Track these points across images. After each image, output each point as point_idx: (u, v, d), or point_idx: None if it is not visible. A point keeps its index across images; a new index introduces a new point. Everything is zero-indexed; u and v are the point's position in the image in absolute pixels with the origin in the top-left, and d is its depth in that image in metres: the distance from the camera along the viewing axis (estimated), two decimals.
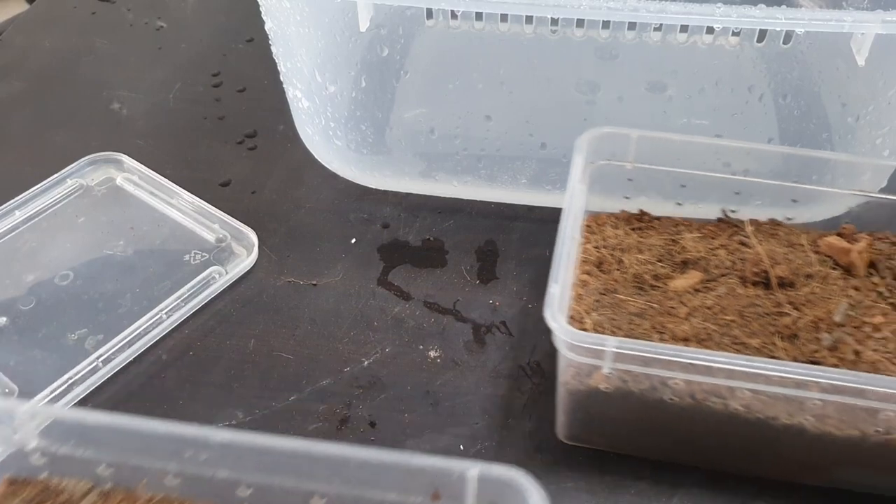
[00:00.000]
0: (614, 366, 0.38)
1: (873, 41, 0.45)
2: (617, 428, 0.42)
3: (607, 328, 0.41)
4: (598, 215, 0.49)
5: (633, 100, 0.56)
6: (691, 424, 0.40)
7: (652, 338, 0.41)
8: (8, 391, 0.47)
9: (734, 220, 0.49)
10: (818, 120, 0.54)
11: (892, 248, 0.47)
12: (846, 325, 0.42)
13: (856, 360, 0.40)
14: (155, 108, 0.68)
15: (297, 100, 0.55)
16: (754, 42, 0.49)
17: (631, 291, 0.44)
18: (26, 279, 0.53)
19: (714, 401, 0.39)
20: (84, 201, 0.59)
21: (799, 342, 0.41)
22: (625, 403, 0.40)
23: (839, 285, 0.44)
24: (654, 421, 0.41)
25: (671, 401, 0.39)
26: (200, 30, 0.77)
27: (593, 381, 0.39)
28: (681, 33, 0.49)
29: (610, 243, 0.47)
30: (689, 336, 0.41)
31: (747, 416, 0.39)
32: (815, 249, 0.47)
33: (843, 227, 0.48)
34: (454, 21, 0.54)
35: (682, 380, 0.38)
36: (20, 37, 0.77)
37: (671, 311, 0.43)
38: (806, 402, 0.37)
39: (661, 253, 0.46)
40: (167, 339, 0.50)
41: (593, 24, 0.50)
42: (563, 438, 0.44)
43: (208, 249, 0.55)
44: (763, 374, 0.36)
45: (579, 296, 0.44)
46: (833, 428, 0.38)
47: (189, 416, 0.46)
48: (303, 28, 0.51)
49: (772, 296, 0.44)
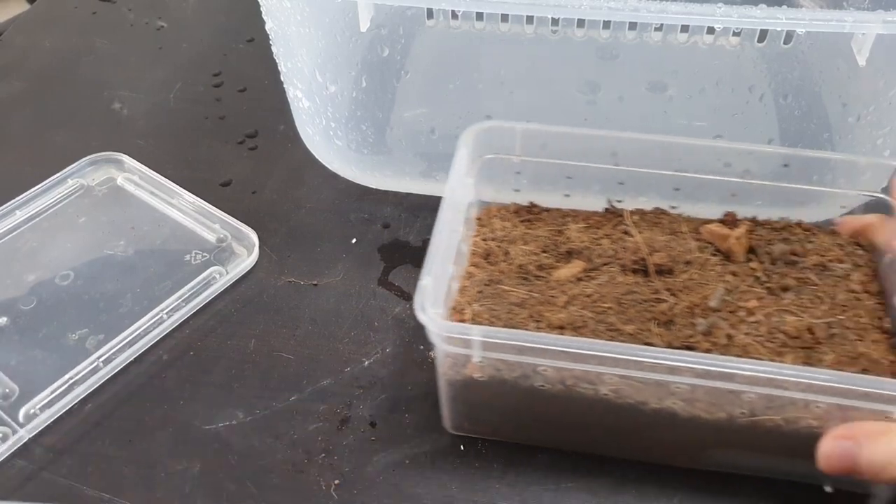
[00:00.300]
0: (484, 354, 0.39)
1: (874, 41, 0.45)
2: (497, 416, 0.43)
3: (486, 318, 0.42)
4: (490, 208, 0.50)
5: (634, 100, 0.56)
6: (565, 410, 0.41)
7: (528, 326, 0.42)
8: (8, 391, 0.47)
9: (619, 210, 0.49)
10: (819, 120, 0.54)
11: (773, 233, 0.47)
12: (721, 310, 0.43)
13: (728, 345, 0.41)
14: (155, 108, 0.68)
15: (297, 100, 0.55)
16: (755, 42, 0.49)
17: (515, 282, 0.45)
18: (27, 279, 0.53)
19: (584, 387, 0.39)
20: (85, 201, 0.59)
21: (675, 328, 0.42)
22: (500, 391, 0.41)
23: (717, 271, 0.45)
24: (530, 408, 0.42)
25: (543, 388, 0.40)
26: (201, 30, 0.77)
27: (468, 370, 0.40)
28: (681, 33, 0.49)
29: (498, 235, 0.48)
30: (565, 324, 0.42)
31: (618, 402, 0.39)
32: (697, 237, 0.47)
33: (727, 213, 0.48)
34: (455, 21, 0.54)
35: (551, 367, 0.39)
36: (21, 37, 0.77)
37: (551, 300, 0.43)
38: (673, 386, 0.38)
39: (547, 244, 0.47)
40: (168, 339, 0.50)
41: (594, 24, 0.50)
42: (449, 429, 0.44)
43: (209, 249, 0.55)
44: (625, 360, 0.37)
45: (464, 287, 0.45)
46: (701, 411, 0.39)
47: (189, 415, 0.46)
48: (303, 28, 0.51)
49: (650, 283, 0.44)
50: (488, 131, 0.48)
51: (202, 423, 0.46)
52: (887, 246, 0.45)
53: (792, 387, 0.36)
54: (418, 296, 0.38)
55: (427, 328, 0.38)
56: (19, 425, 0.45)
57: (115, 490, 0.43)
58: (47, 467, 0.44)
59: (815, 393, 0.36)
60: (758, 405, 0.38)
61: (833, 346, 0.41)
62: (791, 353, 0.40)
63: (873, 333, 0.42)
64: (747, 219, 0.48)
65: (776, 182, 0.47)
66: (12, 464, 0.44)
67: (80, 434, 0.46)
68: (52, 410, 0.46)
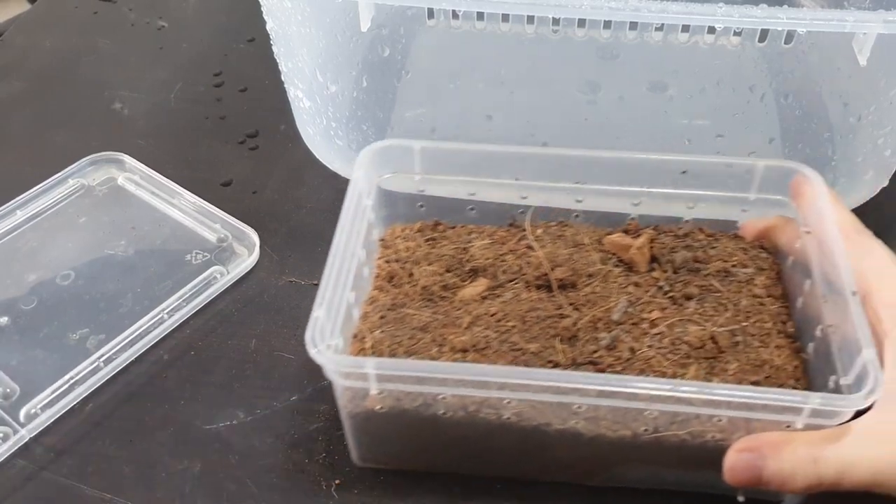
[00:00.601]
0: (381, 387, 0.38)
1: (875, 41, 0.45)
2: (402, 446, 0.42)
3: (387, 345, 0.41)
4: (394, 228, 0.49)
5: (635, 99, 0.56)
6: (470, 436, 0.40)
7: (431, 351, 0.40)
8: (9, 391, 0.47)
9: (522, 225, 0.48)
10: (820, 120, 0.54)
11: (676, 240, 0.47)
12: (625, 323, 0.42)
13: (631, 359, 0.40)
14: (156, 108, 0.68)
15: (298, 99, 0.55)
16: (756, 42, 0.49)
17: (419, 304, 0.44)
18: (28, 279, 0.53)
19: (487, 412, 0.39)
20: (85, 201, 0.59)
21: (579, 343, 0.41)
22: (403, 422, 0.40)
23: (620, 283, 0.44)
24: (436, 436, 0.41)
25: (445, 415, 0.39)
26: (202, 29, 0.77)
27: (368, 403, 0.39)
28: (682, 33, 0.49)
29: (402, 256, 0.47)
30: (468, 346, 0.40)
31: (521, 424, 0.39)
32: (600, 248, 0.46)
33: (629, 222, 0.48)
34: (455, 21, 0.53)
35: (451, 394, 0.38)
36: (21, 37, 0.77)
37: (455, 322, 0.42)
38: (574, 406, 0.37)
39: (451, 263, 0.46)
40: (168, 339, 0.50)
41: (594, 24, 0.50)
42: (356, 461, 0.43)
43: (209, 249, 0.55)
44: (523, 384, 0.36)
45: (366, 313, 0.43)
46: (606, 430, 0.38)
47: (190, 415, 0.46)
48: (304, 28, 0.51)
49: (554, 298, 0.44)
50: (385, 150, 0.47)
51: (203, 423, 0.46)
52: (790, 248, 0.45)
53: (693, 402, 0.36)
54: (309, 329, 0.37)
55: (319, 364, 0.37)
56: (20, 425, 0.45)
57: (115, 490, 0.43)
58: (48, 467, 0.44)
59: (715, 407, 0.36)
60: (661, 421, 0.38)
61: (737, 355, 0.40)
62: (694, 364, 0.40)
63: (777, 339, 0.41)
64: (650, 227, 0.47)
65: (678, 189, 0.46)
66: (13, 463, 0.44)
67: (81, 434, 0.46)
68: (53, 410, 0.46)
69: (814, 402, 0.35)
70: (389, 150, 0.47)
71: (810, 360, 0.41)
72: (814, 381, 0.40)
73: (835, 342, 0.39)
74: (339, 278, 0.41)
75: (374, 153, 0.47)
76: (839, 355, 0.38)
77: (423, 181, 0.48)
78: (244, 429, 0.46)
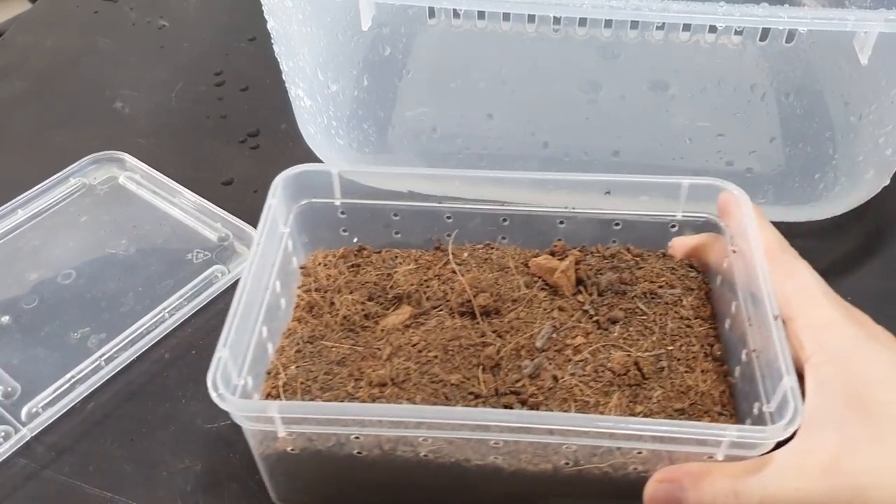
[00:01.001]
0: (289, 429, 0.36)
1: (876, 40, 0.45)
2: (320, 485, 0.41)
3: (301, 382, 0.39)
4: (316, 254, 0.47)
5: (636, 99, 0.56)
6: (388, 474, 0.39)
7: (347, 387, 0.39)
8: (10, 389, 0.47)
9: (446, 249, 0.46)
10: (821, 119, 0.54)
11: (602, 261, 0.45)
12: (548, 350, 0.41)
13: (554, 387, 0.39)
14: (157, 107, 0.68)
15: (299, 99, 0.55)
16: (757, 41, 0.49)
17: (339, 336, 0.42)
18: (29, 278, 0.53)
19: (403, 449, 0.37)
20: (86, 200, 0.59)
21: (501, 372, 0.40)
22: (317, 461, 0.38)
23: (544, 307, 0.43)
24: (353, 475, 0.39)
25: (360, 454, 0.38)
26: (203, 29, 0.78)
27: (280, 444, 0.38)
28: (683, 32, 0.49)
29: (322, 285, 0.45)
30: (387, 379, 0.39)
31: (440, 461, 0.38)
32: (526, 271, 0.45)
33: (555, 244, 0.46)
34: (456, 20, 0.53)
35: (363, 433, 0.36)
36: (22, 36, 0.77)
37: (375, 354, 0.41)
38: (492, 442, 0.36)
39: (374, 290, 0.44)
40: (169, 338, 0.50)
41: (595, 23, 0.50)
42: (276, 501, 0.42)
43: (211, 248, 0.55)
44: (434, 423, 0.35)
45: (283, 347, 0.42)
46: (526, 464, 0.37)
47: (191, 414, 0.46)
48: (305, 27, 0.51)
49: (477, 326, 0.42)
50: (301, 176, 0.45)
51: (204, 422, 0.46)
52: (718, 267, 0.43)
53: (612, 436, 0.34)
54: (211, 372, 0.36)
55: (222, 408, 0.35)
56: (21, 424, 0.45)
57: (116, 489, 0.43)
58: (49, 466, 0.44)
59: (634, 440, 0.35)
60: (582, 454, 0.36)
61: (661, 381, 0.39)
62: (617, 392, 0.39)
63: (703, 363, 0.40)
64: (576, 248, 0.45)
65: (603, 210, 0.45)
66: (14, 462, 0.44)
67: (82, 433, 0.46)
68: (54, 409, 0.46)
69: (731, 435, 0.34)
70: (306, 176, 0.45)
71: (737, 385, 0.40)
72: (740, 406, 0.39)
73: (759, 367, 0.37)
74: (249, 313, 0.39)
75: (287, 180, 0.45)
76: (763, 381, 0.37)
77: (344, 205, 0.46)
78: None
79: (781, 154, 0.54)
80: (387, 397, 0.38)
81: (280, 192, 0.44)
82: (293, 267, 0.46)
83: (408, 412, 0.36)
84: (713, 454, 0.35)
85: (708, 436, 0.34)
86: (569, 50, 0.53)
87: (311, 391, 0.39)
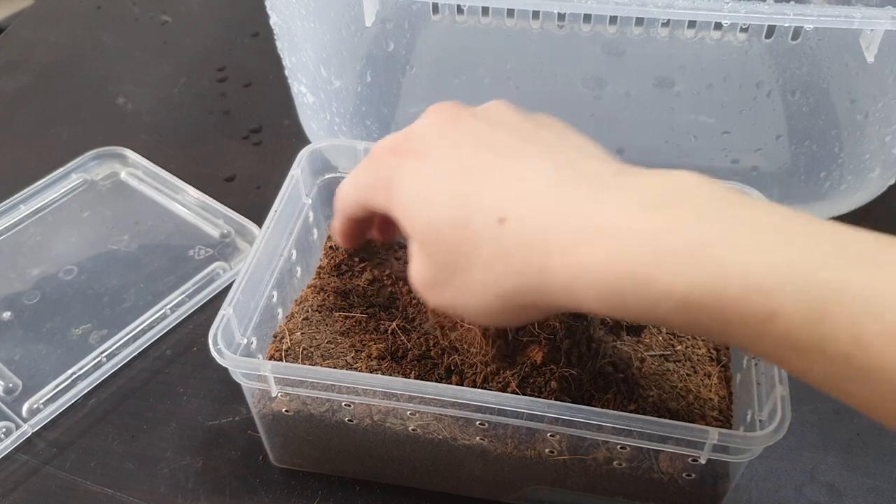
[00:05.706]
0: (282, 390, 0.38)
1: (883, 37, 0.45)
2: (313, 449, 0.42)
3: (303, 348, 0.40)
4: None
5: (641, 96, 0.55)
6: (377, 444, 0.40)
7: (347, 357, 0.40)
8: (12, 385, 0.47)
9: None
10: (827, 116, 0.54)
11: None
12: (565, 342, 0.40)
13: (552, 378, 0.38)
14: (160, 103, 0.68)
15: (302, 95, 0.55)
16: (762, 38, 0.49)
17: (360, 302, 0.43)
18: (31, 273, 0.53)
19: (392, 422, 0.38)
20: (89, 196, 0.59)
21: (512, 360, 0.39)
22: (310, 425, 0.40)
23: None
24: (344, 441, 0.40)
25: (352, 422, 0.39)
26: (206, 24, 0.77)
27: (276, 404, 0.39)
28: (688, 29, 0.49)
29: (341, 259, 0.45)
30: (385, 354, 0.40)
31: (428, 437, 0.38)
32: None
33: None
34: (460, 16, 0.53)
35: (355, 401, 0.37)
36: (25, 31, 0.77)
37: (379, 328, 0.41)
38: (477, 423, 0.37)
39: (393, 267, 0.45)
40: (171, 335, 0.50)
41: (600, 20, 0.49)
42: (273, 462, 0.43)
43: (213, 244, 0.55)
44: (423, 397, 0.36)
45: (292, 314, 0.43)
46: (512, 448, 0.38)
47: (193, 411, 0.46)
48: (308, 23, 0.51)
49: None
50: (327, 150, 0.46)
51: (205, 419, 0.46)
52: None
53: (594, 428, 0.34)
54: (214, 327, 0.37)
55: (221, 363, 0.37)
56: (23, 420, 0.45)
57: (117, 485, 0.43)
58: (50, 462, 0.44)
59: (618, 436, 0.35)
60: (567, 445, 0.37)
61: (661, 381, 0.39)
62: (614, 387, 0.38)
63: (708, 366, 0.40)
64: None
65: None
66: (16, 458, 0.44)
67: (84, 429, 0.46)
68: (56, 405, 0.46)
69: (713, 438, 0.33)
70: (332, 150, 0.46)
71: (736, 391, 0.40)
72: (737, 412, 0.39)
73: (756, 375, 0.38)
74: (260, 276, 0.41)
75: (317, 152, 0.46)
76: (758, 389, 0.37)
77: None
78: (246, 424, 0.45)
79: (787, 152, 0.54)
80: (383, 370, 0.39)
81: (305, 164, 0.45)
82: (314, 238, 0.47)
83: (392, 384, 0.36)
84: (697, 457, 0.35)
85: (691, 437, 0.34)
86: (573, 46, 0.53)
87: (312, 357, 0.40)
